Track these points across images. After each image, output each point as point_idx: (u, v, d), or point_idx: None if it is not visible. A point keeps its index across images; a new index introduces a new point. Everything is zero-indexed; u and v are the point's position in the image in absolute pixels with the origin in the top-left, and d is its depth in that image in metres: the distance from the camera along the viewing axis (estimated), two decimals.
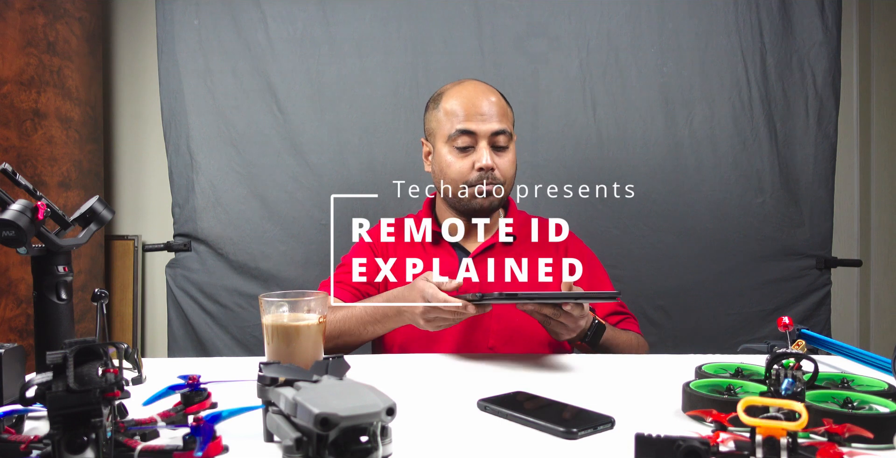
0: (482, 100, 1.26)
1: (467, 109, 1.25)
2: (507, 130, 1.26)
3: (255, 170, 1.93)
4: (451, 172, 1.26)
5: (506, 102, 1.31)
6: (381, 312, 1.12)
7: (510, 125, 1.29)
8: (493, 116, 1.25)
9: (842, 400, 0.70)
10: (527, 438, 0.68)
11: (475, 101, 1.25)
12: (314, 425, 0.51)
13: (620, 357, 1.09)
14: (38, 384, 0.61)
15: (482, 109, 1.25)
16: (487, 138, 1.24)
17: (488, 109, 1.25)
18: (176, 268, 1.97)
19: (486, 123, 1.24)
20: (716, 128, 1.89)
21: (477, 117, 1.24)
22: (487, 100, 1.26)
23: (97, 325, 0.89)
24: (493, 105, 1.26)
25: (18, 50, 1.69)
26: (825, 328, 1.90)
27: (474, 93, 1.27)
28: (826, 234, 1.90)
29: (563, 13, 1.90)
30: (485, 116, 1.24)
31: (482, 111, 1.25)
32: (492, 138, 1.25)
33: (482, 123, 1.24)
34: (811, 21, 1.87)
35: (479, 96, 1.26)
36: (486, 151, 1.24)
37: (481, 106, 1.25)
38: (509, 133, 1.27)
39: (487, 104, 1.25)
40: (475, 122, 1.24)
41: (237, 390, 0.74)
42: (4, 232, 0.78)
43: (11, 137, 1.67)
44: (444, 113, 1.28)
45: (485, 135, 1.24)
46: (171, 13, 1.93)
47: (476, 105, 1.25)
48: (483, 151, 1.24)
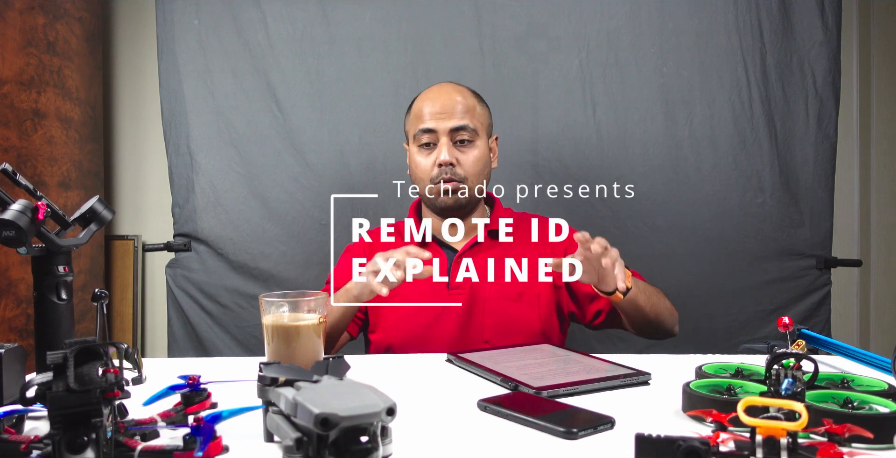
0: (444, 99, 1.31)
1: (430, 108, 1.31)
2: (469, 125, 1.30)
3: (255, 170, 1.93)
4: (419, 171, 1.33)
5: (477, 101, 1.35)
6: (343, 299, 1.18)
7: (476, 121, 1.32)
8: (454, 113, 1.30)
9: (842, 400, 0.70)
10: (527, 438, 0.68)
11: (437, 100, 1.31)
12: (314, 425, 0.51)
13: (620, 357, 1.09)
14: (38, 384, 0.61)
15: (443, 108, 1.30)
16: (447, 134, 1.29)
17: (450, 106, 1.30)
18: (176, 268, 1.97)
19: (446, 120, 1.29)
20: (716, 128, 1.89)
21: (437, 115, 1.30)
22: (450, 98, 1.31)
23: (97, 325, 0.89)
24: (457, 103, 1.31)
25: (18, 50, 1.69)
26: (825, 328, 1.90)
27: (437, 93, 1.33)
28: (826, 234, 1.90)
29: (563, 13, 1.90)
30: (445, 113, 1.30)
31: (442, 109, 1.30)
32: (452, 134, 1.30)
33: (440, 121, 1.29)
34: (811, 21, 1.87)
35: (441, 96, 1.32)
36: (445, 147, 1.29)
37: (443, 103, 1.30)
38: (472, 129, 1.30)
39: (449, 102, 1.30)
40: (435, 119, 1.30)
41: (237, 390, 0.74)
42: (5, 232, 0.78)
43: (11, 137, 1.67)
44: (413, 115, 1.35)
45: (444, 131, 1.29)
46: (171, 13, 1.93)
47: (437, 103, 1.31)
48: (443, 148, 1.29)
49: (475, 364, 0.96)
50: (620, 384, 0.88)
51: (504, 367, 0.94)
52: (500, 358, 1.00)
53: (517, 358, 1.01)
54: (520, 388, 0.85)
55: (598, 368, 0.94)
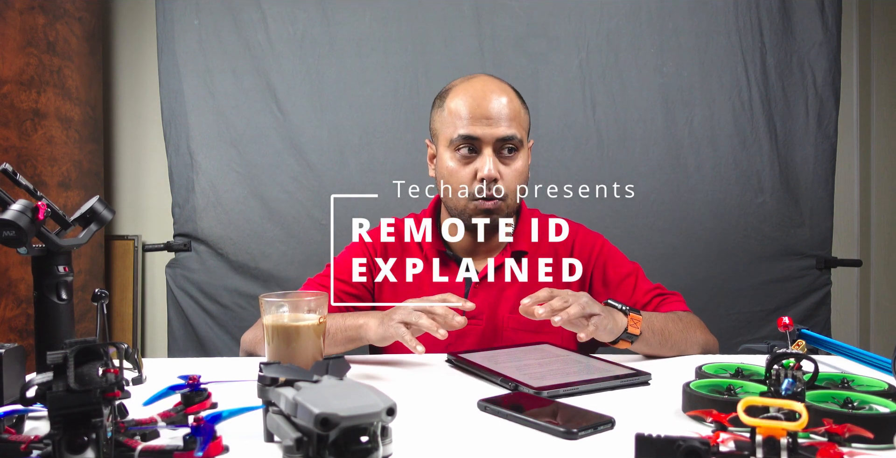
0: (490, 100, 1.12)
1: (473, 110, 1.12)
2: (517, 135, 1.13)
3: (255, 170, 1.93)
4: (453, 180, 1.15)
5: (520, 103, 1.17)
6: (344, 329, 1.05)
7: (522, 130, 1.15)
8: (501, 119, 1.12)
9: (842, 400, 0.70)
10: (527, 438, 0.68)
11: (482, 101, 1.12)
12: (314, 425, 0.51)
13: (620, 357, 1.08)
14: (38, 384, 0.61)
15: (489, 112, 1.11)
16: (493, 145, 1.12)
17: (497, 111, 1.12)
18: (176, 268, 1.97)
19: (493, 127, 1.11)
20: (716, 128, 1.89)
21: (482, 121, 1.11)
22: (497, 100, 1.13)
23: (97, 325, 0.89)
24: (504, 107, 1.12)
25: (18, 50, 1.69)
26: (825, 328, 1.91)
27: (482, 92, 1.14)
28: (826, 234, 1.91)
29: (563, 13, 1.90)
30: (491, 119, 1.11)
31: (489, 114, 1.11)
32: (497, 145, 1.12)
33: (487, 128, 1.11)
34: (811, 21, 1.87)
35: (486, 96, 1.13)
36: (490, 159, 1.11)
37: (488, 108, 1.12)
38: (519, 139, 1.14)
39: (497, 106, 1.12)
40: (480, 126, 1.11)
41: (237, 390, 0.74)
42: (5, 232, 0.78)
43: (11, 137, 1.67)
44: (448, 113, 1.15)
45: (490, 141, 1.12)
46: (171, 13, 1.93)
47: (482, 106, 1.12)
48: (487, 159, 1.11)
49: (475, 365, 0.96)
50: (620, 385, 0.88)
51: (504, 367, 0.93)
52: (500, 358, 1.00)
53: (517, 358, 1.00)
54: (520, 388, 0.85)
55: (598, 368, 0.94)
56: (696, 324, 1.13)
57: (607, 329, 0.96)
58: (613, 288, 1.19)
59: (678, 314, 1.12)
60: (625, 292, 1.18)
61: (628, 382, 0.89)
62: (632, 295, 1.18)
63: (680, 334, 1.07)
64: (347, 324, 1.04)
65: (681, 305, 1.18)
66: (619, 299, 1.03)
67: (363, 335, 1.02)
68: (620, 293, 1.18)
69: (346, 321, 1.05)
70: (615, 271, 1.20)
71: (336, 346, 1.05)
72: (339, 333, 1.04)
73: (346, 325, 1.04)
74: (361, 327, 1.02)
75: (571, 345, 1.13)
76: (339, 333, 1.04)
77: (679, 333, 1.07)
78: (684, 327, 1.09)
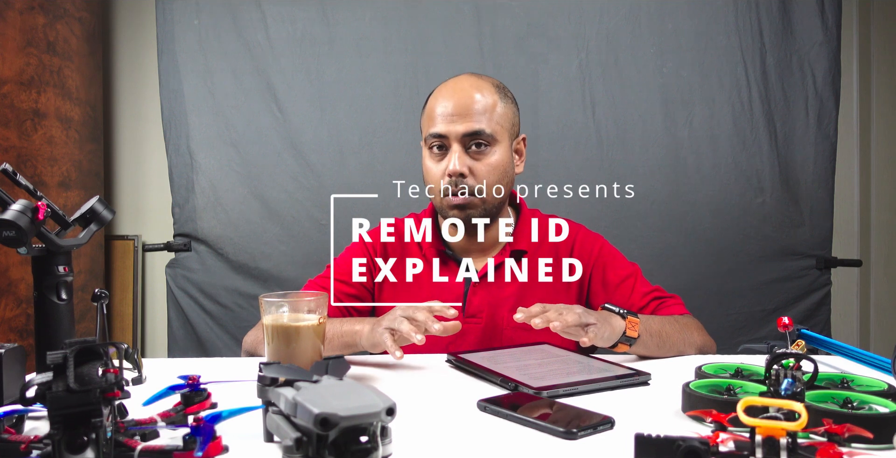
0: (458, 98, 1.13)
1: (442, 108, 1.13)
2: (486, 130, 1.12)
3: (255, 170, 1.93)
4: (428, 178, 1.18)
5: (498, 98, 1.16)
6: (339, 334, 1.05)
7: (495, 124, 1.14)
8: (468, 115, 1.12)
9: (842, 400, 0.70)
10: (527, 438, 0.68)
11: (450, 99, 1.13)
12: (314, 425, 0.51)
13: (620, 357, 1.09)
14: (38, 384, 0.61)
15: (455, 109, 1.12)
16: (460, 140, 1.12)
17: (463, 107, 1.12)
18: (176, 268, 1.97)
19: (457, 123, 1.12)
20: (716, 128, 1.89)
21: (448, 118, 1.12)
22: (466, 97, 1.13)
23: (97, 325, 0.89)
24: (474, 103, 1.12)
25: (18, 50, 1.69)
26: (825, 328, 1.91)
27: (452, 90, 1.15)
28: (826, 234, 1.91)
29: (562, 13, 1.90)
30: (456, 116, 1.12)
31: (454, 111, 1.12)
32: (465, 140, 1.12)
33: (451, 125, 1.12)
34: (811, 21, 1.87)
35: (455, 94, 1.14)
36: (456, 155, 1.11)
37: (454, 105, 1.12)
38: (489, 134, 1.13)
39: (464, 102, 1.12)
40: (445, 123, 1.12)
41: (237, 390, 0.74)
42: (5, 232, 0.78)
43: (11, 137, 1.67)
44: (425, 114, 1.18)
45: (456, 137, 1.12)
46: (171, 13, 1.93)
47: (449, 104, 1.13)
48: (452, 155, 1.12)
49: (475, 365, 0.96)
50: (620, 385, 0.88)
51: (504, 367, 0.93)
52: (500, 358, 1.00)
53: (517, 358, 1.00)
54: (520, 388, 0.85)
55: (597, 368, 0.94)
56: (693, 326, 1.13)
57: (604, 337, 0.98)
58: (612, 289, 1.19)
59: (675, 316, 1.13)
60: (623, 294, 1.18)
61: (628, 382, 0.89)
62: (630, 297, 1.18)
63: (677, 336, 1.08)
64: (344, 330, 1.05)
65: (679, 308, 1.18)
66: (617, 302, 1.03)
67: (358, 341, 1.03)
68: (619, 295, 1.18)
69: (343, 327, 1.06)
70: (615, 272, 1.21)
71: (333, 351, 1.06)
72: (336, 338, 1.05)
73: (343, 330, 1.05)
74: (356, 334, 1.03)
75: (571, 345, 1.12)
76: (336, 338, 1.05)
77: (677, 334, 1.08)
78: (681, 329, 1.09)
